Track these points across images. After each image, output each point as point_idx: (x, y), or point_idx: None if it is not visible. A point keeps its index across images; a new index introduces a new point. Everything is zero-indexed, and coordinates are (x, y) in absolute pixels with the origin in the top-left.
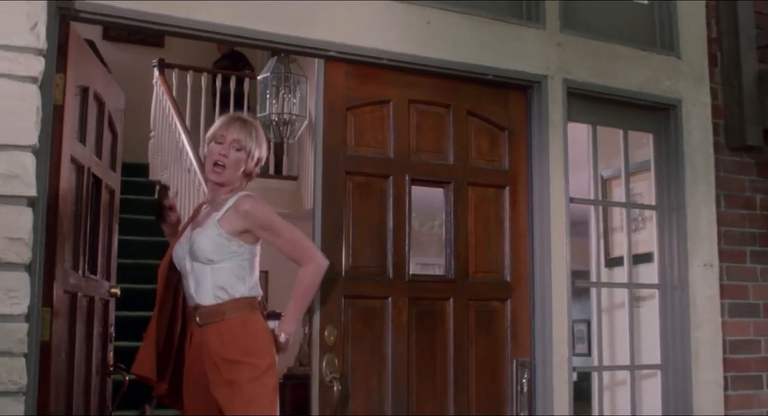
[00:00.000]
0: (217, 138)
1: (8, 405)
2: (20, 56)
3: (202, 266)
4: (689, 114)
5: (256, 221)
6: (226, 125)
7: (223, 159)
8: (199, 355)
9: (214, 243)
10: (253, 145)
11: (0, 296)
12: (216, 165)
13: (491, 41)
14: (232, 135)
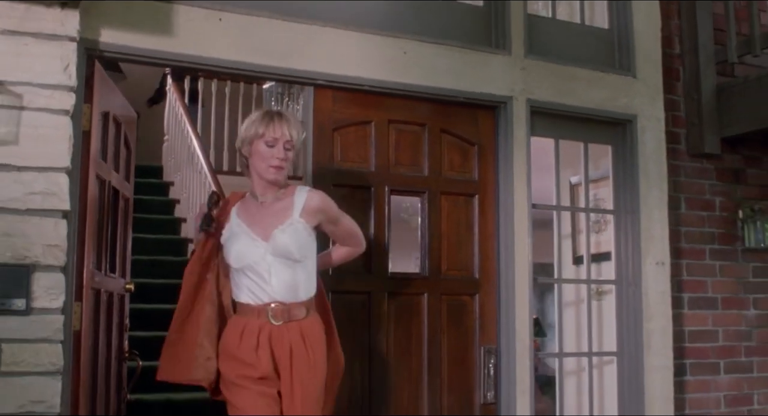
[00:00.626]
0: (269, 141)
1: (49, 383)
2: (55, 93)
3: (287, 263)
4: (644, 128)
5: (327, 214)
6: (274, 125)
7: (282, 163)
8: (266, 353)
9: (301, 240)
10: (299, 140)
11: (42, 293)
12: (272, 167)
13: (462, 67)
14: (284, 136)
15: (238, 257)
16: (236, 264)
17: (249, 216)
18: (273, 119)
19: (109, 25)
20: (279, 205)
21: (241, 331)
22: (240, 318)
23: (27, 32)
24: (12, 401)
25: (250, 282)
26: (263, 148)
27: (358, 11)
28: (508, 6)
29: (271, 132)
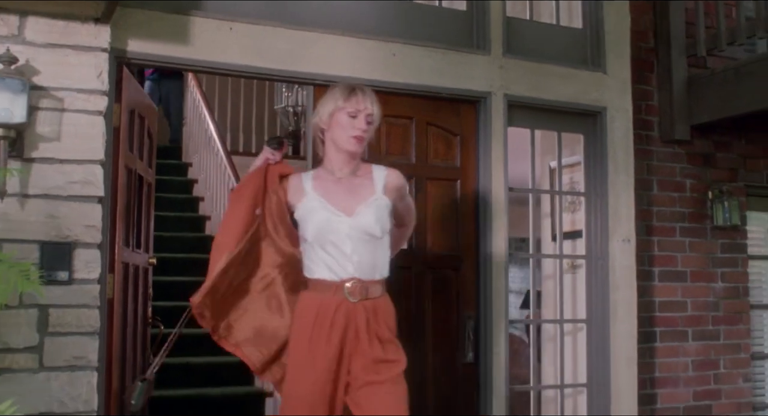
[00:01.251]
0: (351, 112)
1: (88, 342)
2: (90, 97)
3: (368, 240)
4: (613, 119)
5: (401, 192)
6: (357, 97)
7: (364, 134)
8: (338, 334)
9: (383, 217)
10: (378, 116)
11: (82, 267)
12: (353, 138)
13: (445, 67)
14: (367, 109)
15: (320, 231)
16: (317, 239)
17: (327, 191)
18: (355, 91)
19: (135, 36)
20: (357, 181)
21: (316, 311)
22: (314, 294)
23: (66, 45)
24: (59, 356)
25: (328, 257)
26: (345, 119)
27: (351, 19)
28: (488, 9)
29: (354, 104)
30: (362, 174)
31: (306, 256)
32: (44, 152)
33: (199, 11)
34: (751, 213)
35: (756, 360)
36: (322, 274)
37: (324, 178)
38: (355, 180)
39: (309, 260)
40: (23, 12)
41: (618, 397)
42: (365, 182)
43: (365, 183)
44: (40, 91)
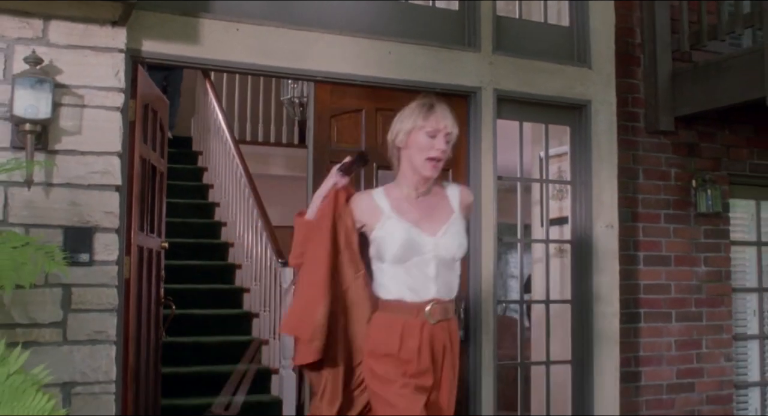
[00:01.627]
0: (429, 132)
1: (107, 318)
2: (109, 94)
3: (451, 261)
4: (597, 112)
5: (471, 208)
6: (436, 115)
7: (442, 155)
8: (427, 351)
9: (464, 238)
10: (455, 136)
11: (101, 249)
12: (432, 160)
13: (438, 63)
14: (445, 128)
15: (404, 252)
16: (399, 259)
17: (406, 211)
18: (434, 109)
19: (148, 37)
20: (434, 200)
21: (400, 332)
22: (393, 316)
23: (86, 46)
24: (81, 331)
25: (410, 279)
26: (423, 139)
27: (350, 19)
28: (479, 9)
29: (433, 123)
30: (436, 192)
31: (382, 276)
32: (67, 145)
33: (207, 13)
34: (734, 201)
35: (738, 340)
36: (402, 295)
37: (399, 197)
38: (431, 199)
39: (386, 281)
40: (47, 16)
41: (600, 373)
42: (441, 201)
43: (441, 203)
44: (63, 89)
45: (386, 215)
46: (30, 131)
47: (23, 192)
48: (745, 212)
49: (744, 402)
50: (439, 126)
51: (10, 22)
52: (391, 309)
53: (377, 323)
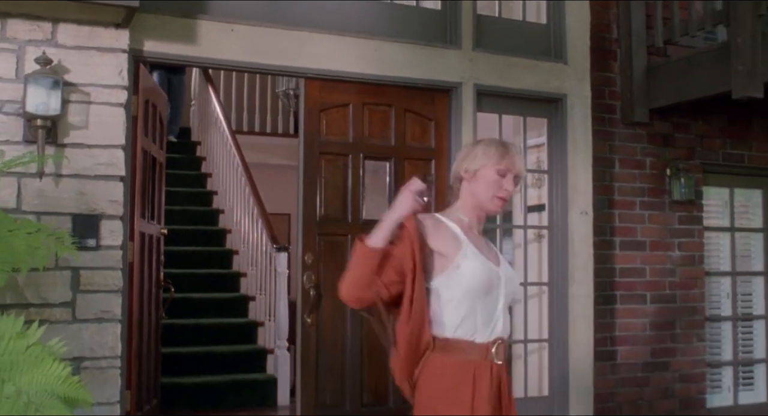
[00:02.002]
0: (501, 170)
1: (113, 299)
2: (113, 91)
3: (510, 298)
4: (572, 104)
5: None
6: (512, 157)
7: (509, 195)
8: (493, 397)
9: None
10: (525, 175)
11: (107, 235)
12: (501, 199)
13: (421, 60)
14: (517, 171)
15: (486, 285)
16: (475, 294)
17: (475, 242)
18: (510, 151)
19: (149, 38)
20: (481, 237)
21: (472, 376)
22: (461, 357)
23: (92, 47)
24: (89, 310)
25: (479, 315)
26: (493, 176)
27: (338, 19)
28: (460, 8)
29: (509, 163)
30: (478, 229)
31: (449, 311)
32: (75, 139)
33: (204, 15)
34: (708, 188)
35: (712, 321)
36: (473, 333)
37: (465, 227)
38: (477, 236)
39: (453, 316)
40: (55, 19)
41: (576, 351)
42: (484, 238)
43: (485, 240)
44: (71, 87)
45: (465, 246)
46: (41, 126)
47: (35, 182)
48: (719, 199)
49: (717, 380)
50: (513, 168)
51: (22, 25)
52: (458, 350)
53: (439, 365)
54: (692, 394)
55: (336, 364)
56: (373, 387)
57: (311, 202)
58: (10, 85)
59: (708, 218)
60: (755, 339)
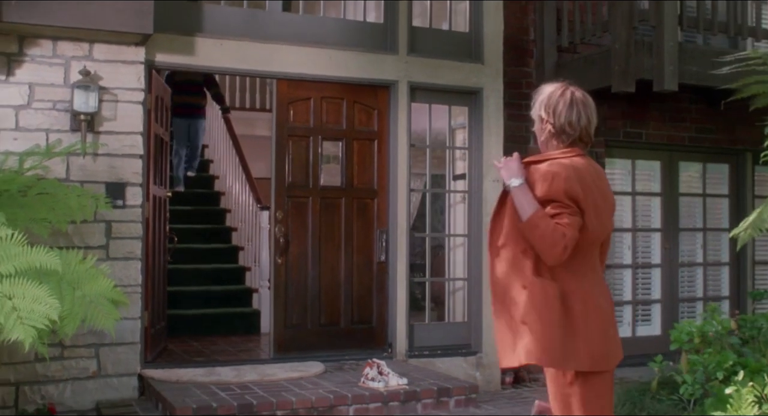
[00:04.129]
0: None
1: (135, 243)
2: (134, 92)
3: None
4: (488, 96)
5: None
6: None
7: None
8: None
9: None
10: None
11: (131, 197)
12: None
13: (367, 64)
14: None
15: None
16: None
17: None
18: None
19: (160, 51)
20: None
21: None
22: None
23: (118, 60)
24: (118, 252)
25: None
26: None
27: (301, 34)
28: (397, 22)
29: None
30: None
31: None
32: (107, 128)
33: (200, 33)
34: (613, 160)
35: (615, 268)
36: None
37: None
38: None
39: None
40: (92, 41)
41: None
42: None
43: None
44: (104, 90)
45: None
46: (83, 120)
47: (79, 160)
48: (623, 169)
49: (619, 316)
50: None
51: (68, 46)
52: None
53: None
54: None
55: (300, 294)
56: (328, 311)
57: (281, 172)
58: (60, 90)
59: (614, 185)
60: (652, 283)
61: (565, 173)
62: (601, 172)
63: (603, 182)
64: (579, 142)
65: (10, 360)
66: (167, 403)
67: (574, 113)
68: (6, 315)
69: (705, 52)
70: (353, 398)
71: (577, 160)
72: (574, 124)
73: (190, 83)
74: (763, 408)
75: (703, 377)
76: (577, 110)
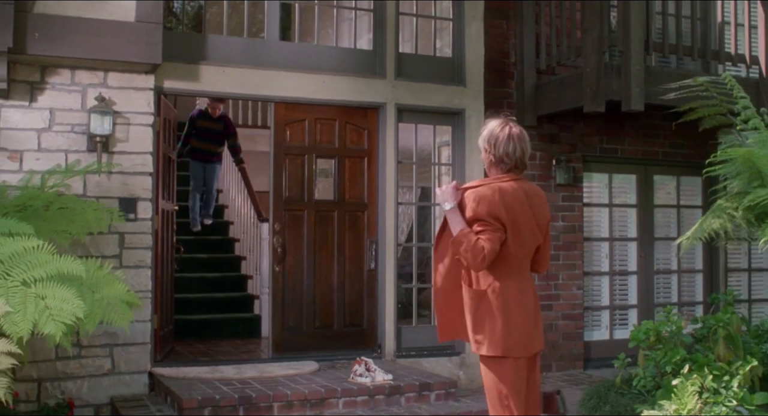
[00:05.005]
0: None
1: (146, 253)
2: (144, 116)
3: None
4: (470, 116)
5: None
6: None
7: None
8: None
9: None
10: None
11: (141, 211)
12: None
13: (357, 87)
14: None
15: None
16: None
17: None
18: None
19: (168, 78)
20: None
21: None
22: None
23: (130, 87)
24: (130, 260)
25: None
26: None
27: (297, 61)
28: (385, 49)
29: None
30: None
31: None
32: (120, 148)
33: (204, 61)
34: (590, 174)
35: (593, 276)
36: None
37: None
38: None
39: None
40: (106, 69)
41: None
42: None
43: None
44: (117, 114)
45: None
46: (99, 141)
47: (95, 177)
48: (600, 182)
49: (598, 320)
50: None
51: (85, 74)
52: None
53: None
54: (571, 329)
55: (296, 299)
56: (322, 315)
57: (279, 187)
58: (78, 114)
59: (591, 197)
60: (629, 289)
61: (491, 196)
62: (534, 194)
63: (533, 201)
64: (515, 169)
65: (33, 358)
66: (175, 396)
67: (511, 146)
68: (39, 312)
69: (670, 75)
70: (342, 391)
71: (508, 184)
72: (511, 155)
73: (211, 132)
74: (704, 397)
75: (655, 371)
76: (513, 144)
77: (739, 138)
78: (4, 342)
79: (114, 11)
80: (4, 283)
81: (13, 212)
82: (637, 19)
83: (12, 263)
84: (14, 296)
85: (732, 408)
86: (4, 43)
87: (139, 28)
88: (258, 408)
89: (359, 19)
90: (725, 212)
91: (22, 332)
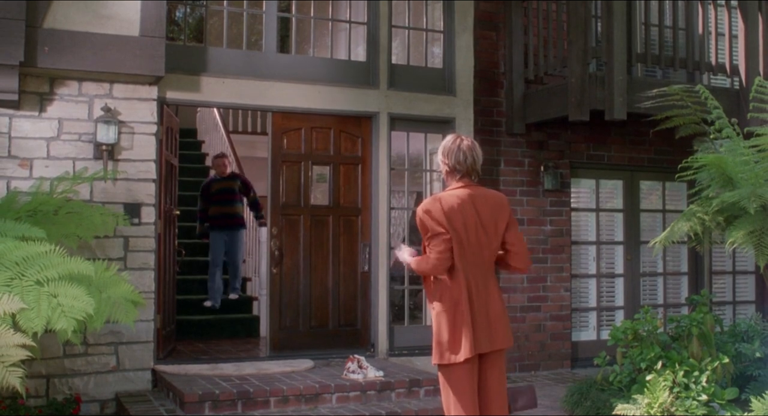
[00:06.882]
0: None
1: (149, 256)
2: (148, 125)
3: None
4: (460, 125)
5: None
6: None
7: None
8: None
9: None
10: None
11: (145, 215)
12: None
13: (351, 97)
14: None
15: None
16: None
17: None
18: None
19: (170, 89)
20: None
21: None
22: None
23: (135, 98)
24: (134, 263)
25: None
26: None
27: (293, 72)
28: (378, 60)
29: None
30: None
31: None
32: (125, 156)
33: (205, 72)
34: (578, 180)
35: (580, 278)
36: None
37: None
38: None
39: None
40: (112, 81)
41: None
42: None
43: None
44: (122, 124)
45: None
46: (105, 149)
47: (101, 183)
48: (588, 187)
49: (585, 321)
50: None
51: (92, 86)
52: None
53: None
54: (559, 330)
55: (293, 300)
56: (318, 315)
57: (276, 193)
58: (85, 124)
59: (579, 202)
60: (616, 291)
61: (431, 205)
62: (484, 197)
63: (479, 203)
64: (467, 176)
65: (42, 355)
66: (177, 391)
67: (461, 155)
68: (53, 309)
69: (653, 85)
70: (335, 387)
71: (454, 191)
72: (462, 163)
73: (228, 191)
74: (675, 391)
75: (631, 367)
76: (463, 154)
77: (713, 146)
78: (18, 335)
79: (119, 26)
80: (19, 283)
81: (24, 216)
82: (620, 31)
83: (26, 265)
84: (29, 294)
85: (702, 403)
86: (16, 57)
87: (143, 43)
88: (255, 403)
89: (354, 30)
90: (695, 215)
91: (36, 327)
